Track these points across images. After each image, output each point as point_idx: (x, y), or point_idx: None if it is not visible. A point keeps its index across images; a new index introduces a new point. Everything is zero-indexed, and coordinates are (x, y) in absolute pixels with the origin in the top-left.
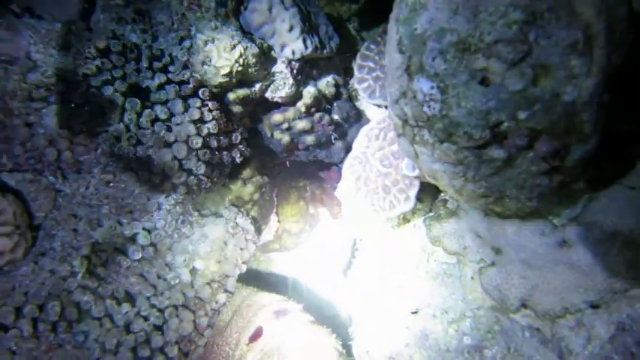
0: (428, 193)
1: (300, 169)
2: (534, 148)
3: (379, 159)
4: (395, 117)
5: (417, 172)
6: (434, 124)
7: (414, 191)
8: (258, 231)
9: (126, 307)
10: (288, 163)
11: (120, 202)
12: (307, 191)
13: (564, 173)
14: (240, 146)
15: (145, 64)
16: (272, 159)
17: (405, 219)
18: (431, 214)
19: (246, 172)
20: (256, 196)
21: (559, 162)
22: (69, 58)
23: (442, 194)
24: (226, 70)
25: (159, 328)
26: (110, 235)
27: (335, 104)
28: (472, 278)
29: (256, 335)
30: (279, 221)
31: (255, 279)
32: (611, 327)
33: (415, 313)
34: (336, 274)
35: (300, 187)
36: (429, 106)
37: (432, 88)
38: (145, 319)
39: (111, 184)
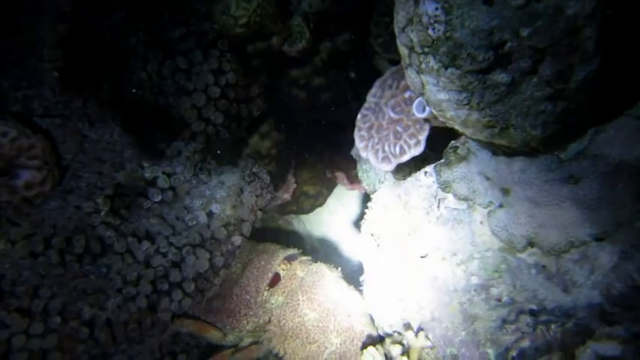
0: (439, 141)
1: (318, 131)
2: (538, 72)
3: (391, 106)
4: (402, 47)
5: (426, 113)
6: (438, 47)
7: (424, 135)
8: (275, 188)
9: (146, 244)
10: (305, 122)
11: (142, 148)
12: (324, 154)
13: (569, 98)
14: (258, 100)
15: (167, 16)
16: (290, 117)
17: (415, 166)
18: (441, 160)
19: (264, 127)
20: (273, 152)
21: (563, 84)
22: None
23: (452, 142)
24: (244, 20)
25: (177, 265)
26: (132, 178)
27: (352, 62)
28: (481, 223)
29: (275, 281)
30: (295, 183)
31: (270, 238)
32: (614, 257)
33: (424, 257)
34: (348, 227)
35: (317, 149)
36: (433, 29)
37: (437, 9)
38: (164, 255)
39: (134, 131)
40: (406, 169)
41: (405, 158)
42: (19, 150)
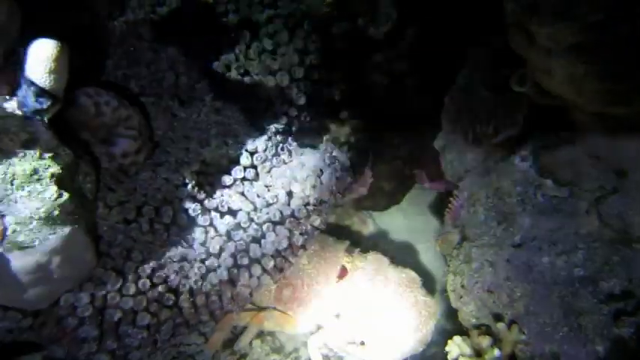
0: (537, 122)
1: (398, 121)
2: None
3: (484, 86)
4: (509, 1)
5: (527, 87)
6: None
7: (521, 113)
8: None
9: (228, 218)
10: (386, 111)
11: (227, 127)
12: (403, 147)
13: None
14: (340, 84)
15: None
16: (370, 104)
17: (510, 148)
18: (539, 143)
19: (344, 113)
20: (352, 139)
21: None
22: None
23: (553, 124)
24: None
25: (257, 241)
26: (217, 156)
27: (440, 47)
28: (587, 212)
29: (342, 274)
30: (372, 177)
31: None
32: None
33: (518, 246)
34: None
35: (397, 142)
36: None
37: None
38: (245, 230)
39: (220, 111)
40: (498, 153)
41: (499, 139)
42: (119, 119)
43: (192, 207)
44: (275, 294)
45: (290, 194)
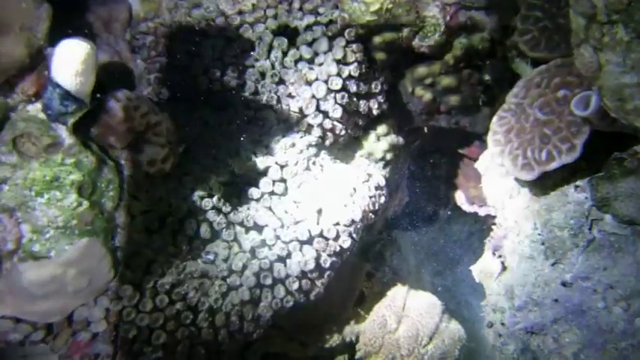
0: (597, 149)
1: (437, 141)
2: None
3: (538, 107)
4: (578, 17)
5: (590, 110)
6: (635, 11)
7: (581, 139)
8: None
9: (253, 234)
10: (425, 129)
11: (258, 138)
12: (443, 167)
13: None
14: (379, 97)
15: (296, 4)
16: (409, 122)
17: (562, 178)
18: (600, 174)
19: (381, 129)
20: (389, 156)
21: None
22: None
23: (616, 153)
24: (376, 7)
25: (282, 260)
26: (245, 167)
27: (488, 63)
28: None
29: (360, 299)
30: (408, 196)
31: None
32: None
33: (569, 285)
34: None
35: (436, 161)
36: None
37: None
38: (270, 248)
39: (251, 120)
40: (549, 182)
41: (553, 166)
42: (147, 125)
43: (217, 220)
44: (291, 316)
45: (320, 212)
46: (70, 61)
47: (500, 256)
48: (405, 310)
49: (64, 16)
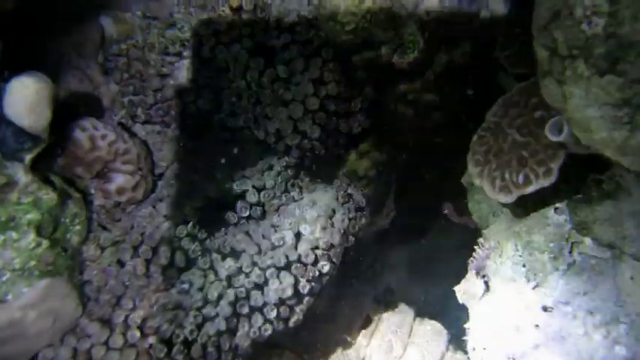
0: (575, 171)
1: (424, 154)
2: None
3: (516, 127)
4: (541, 49)
5: (563, 136)
6: (594, 48)
7: (557, 163)
8: (372, 213)
9: (230, 261)
10: (411, 143)
11: (234, 160)
12: (429, 180)
13: None
14: (360, 115)
15: (273, 22)
16: (393, 137)
17: (542, 201)
18: (578, 196)
19: (364, 146)
20: (371, 173)
21: None
22: (204, 15)
23: (593, 175)
24: (352, 26)
25: (259, 287)
26: (221, 191)
27: (470, 78)
28: (632, 278)
29: (366, 323)
30: (395, 210)
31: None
32: None
33: (550, 310)
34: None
35: (422, 175)
36: (589, 23)
37: None
38: (247, 275)
39: (227, 142)
40: (529, 203)
41: (530, 189)
42: (116, 153)
43: (191, 247)
44: (292, 336)
45: (298, 236)
46: (22, 98)
47: (484, 276)
48: (412, 337)
49: (34, 39)
